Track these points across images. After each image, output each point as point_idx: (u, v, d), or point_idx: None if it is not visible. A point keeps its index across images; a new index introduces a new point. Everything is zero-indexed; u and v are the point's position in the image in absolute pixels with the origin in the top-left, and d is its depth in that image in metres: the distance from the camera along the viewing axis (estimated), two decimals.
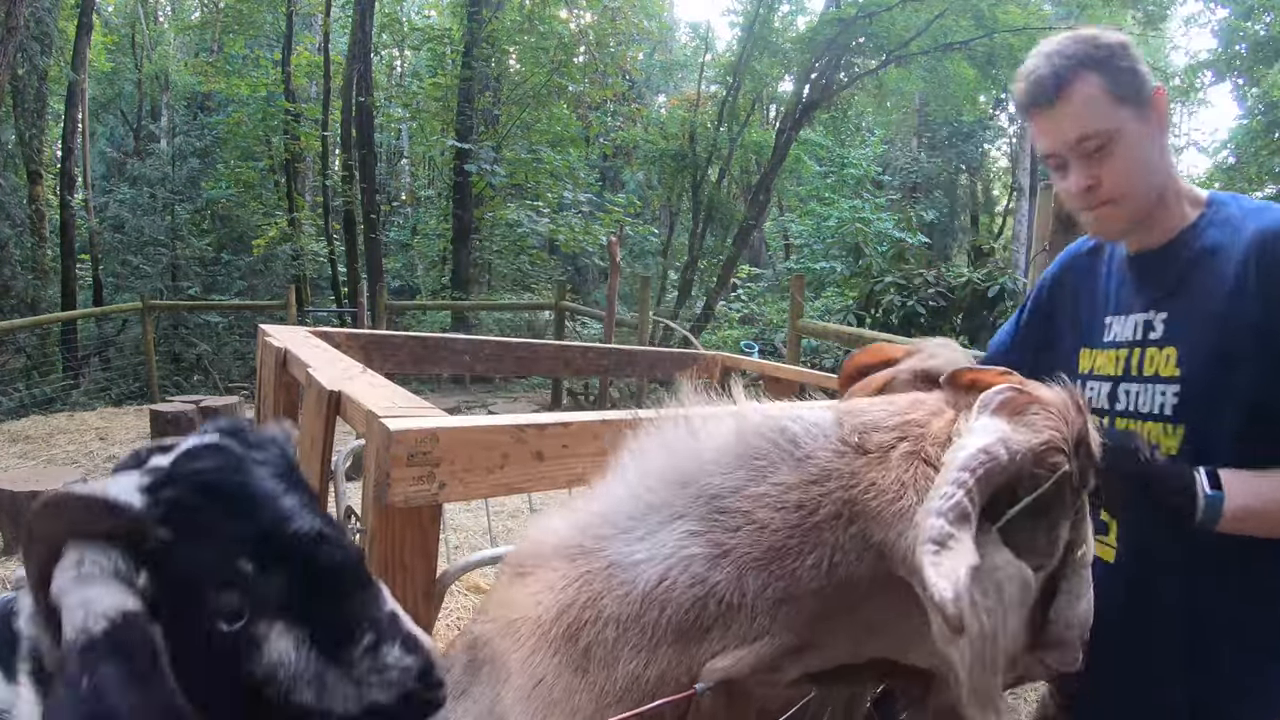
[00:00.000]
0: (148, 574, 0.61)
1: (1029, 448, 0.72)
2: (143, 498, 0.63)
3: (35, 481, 4.12)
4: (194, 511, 0.63)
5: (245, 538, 0.64)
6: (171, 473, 0.65)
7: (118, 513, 0.61)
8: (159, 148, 15.48)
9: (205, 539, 0.63)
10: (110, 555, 0.60)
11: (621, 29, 13.59)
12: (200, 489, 0.64)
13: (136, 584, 0.60)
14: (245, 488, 0.66)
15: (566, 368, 2.70)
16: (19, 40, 8.01)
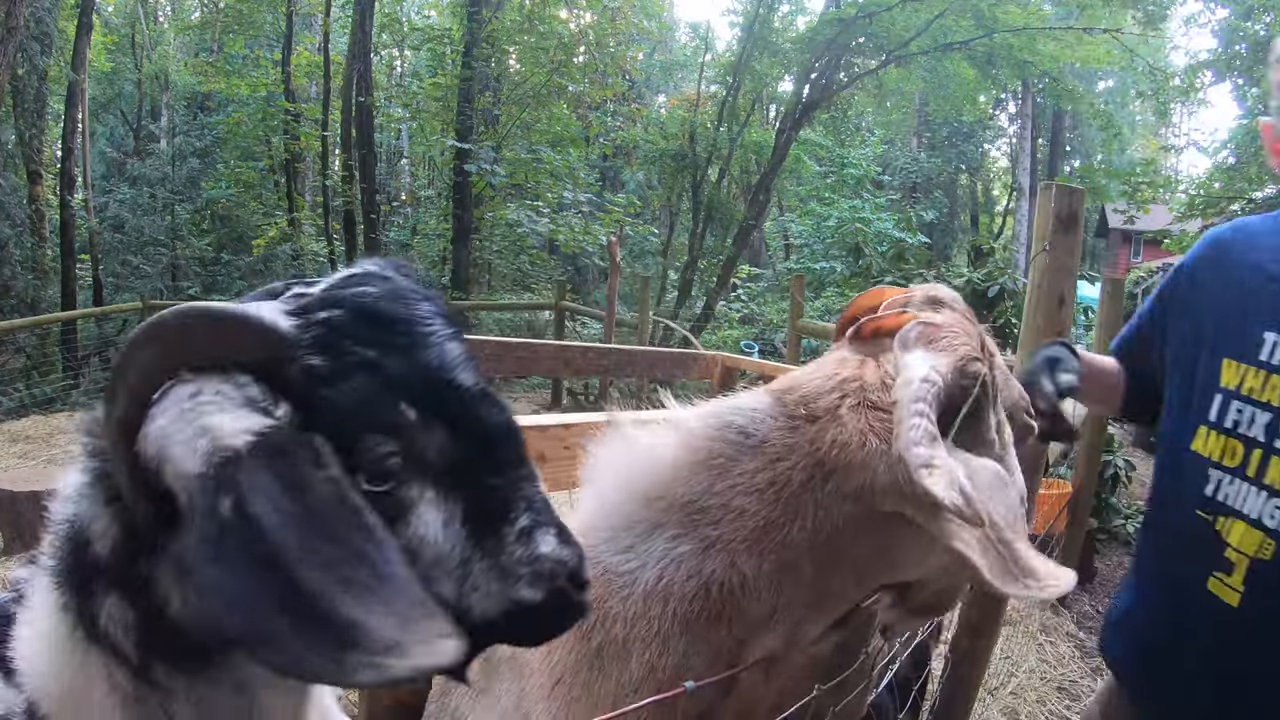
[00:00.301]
0: (289, 407, 0.51)
1: (952, 366, 0.80)
2: (289, 320, 0.53)
3: (35, 481, 4.12)
4: (354, 338, 0.53)
5: (409, 379, 0.54)
6: (325, 296, 0.57)
7: (257, 331, 0.52)
8: (159, 148, 15.48)
9: (364, 373, 0.52)
10: (239, 383, 0.51)
11: (621, 29, 13.59)
12: (362, 313, 0.55)
13: (275, 415, 0.50)
14: (413, 322, 0.57)
15: (566, 368, 2.71)
16: (19, 40, 8.01)
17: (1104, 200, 17.97)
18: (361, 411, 0.52)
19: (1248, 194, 11.09)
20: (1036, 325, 1.91)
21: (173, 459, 0.47)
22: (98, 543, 0.55)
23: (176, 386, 0.51)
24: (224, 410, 0.49)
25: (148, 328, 0.51)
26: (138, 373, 0.51)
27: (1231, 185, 11.26)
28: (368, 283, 0.59)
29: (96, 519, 0.56)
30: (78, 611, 0.56)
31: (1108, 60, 13.17)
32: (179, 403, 0.50)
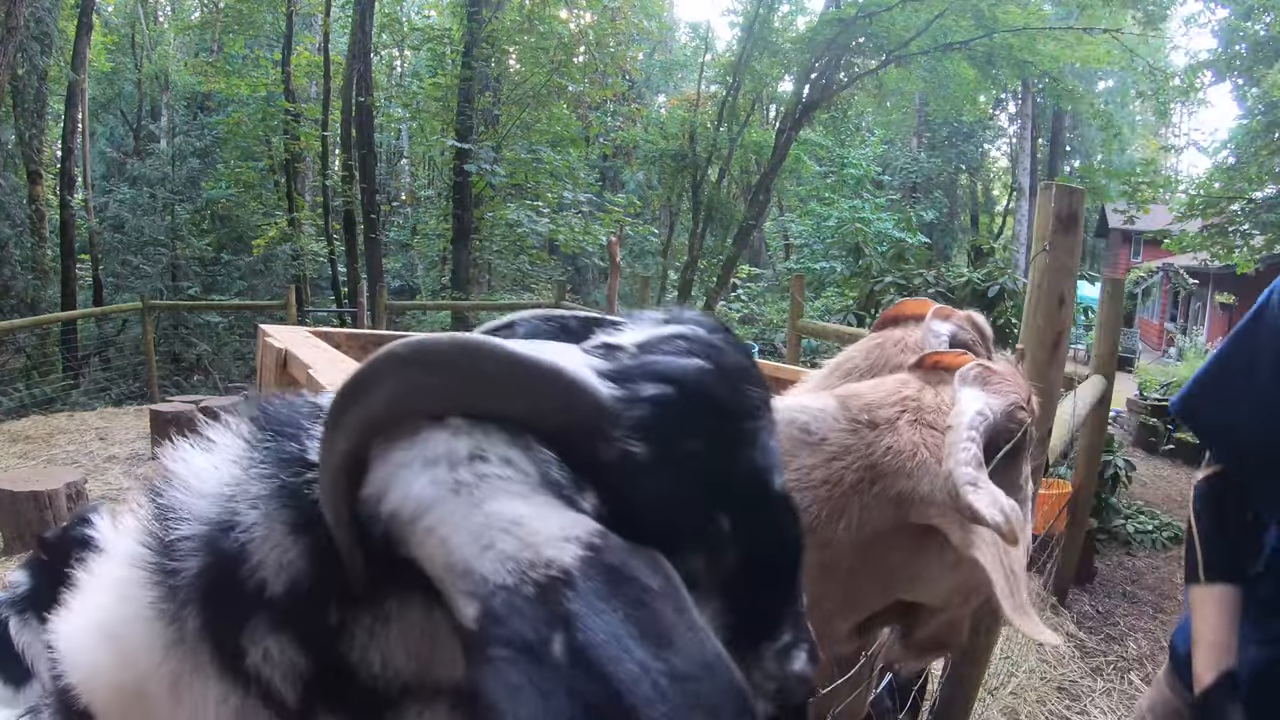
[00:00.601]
0: (596, 500, 0.40)
1: (1002, 408, 0.88)
2: (608, 386, 0.42)
3: (35, 481, 4.12)
4: (683, 425, 0.43)
5: (732, 483, 0.45)
6: (649, 364, 0.45)
7: (572, 393, 0.41)
8: (159, 148, 15.48)
9: (686, 469, 0.43)
10: (537, 456, 0.40)
11: (621, 29, 13.59)
12: (696, 396, 0.44)
13: (580, 507, 0.39)
14: (744, 412, 0.47)
15: None
16: (19, 40, 8.01)
17: (1104, 200, 17.98)
18: (676, 515, 0.42)
19: (1248, 194, 11.09)
20: (1036, 325, 1.91)
21: (441, 539, 0.37)
22: (269, 573, 0.44)
23: (441, 432, 0.40)
24: (526, 496, 0.38)
25: (415, 347, 0.40)
26: (386, 399, 0.40)
27: (1231, 185, 11.25)
28: (698, 352, 0.46)
29: (272, 545, 0.44)
30: (211, 636, 0.46)
31: (1108, 60, 13.17)
32: (448, 459, 0.39)
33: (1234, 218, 11.28)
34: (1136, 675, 3.45)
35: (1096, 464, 4.12)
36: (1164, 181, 15.60)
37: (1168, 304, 20.58)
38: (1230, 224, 11.34)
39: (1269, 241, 11.14)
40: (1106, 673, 3.44)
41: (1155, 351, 19.35)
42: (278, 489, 0.46)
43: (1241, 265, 11.32)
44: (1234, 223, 11.30)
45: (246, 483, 0.47)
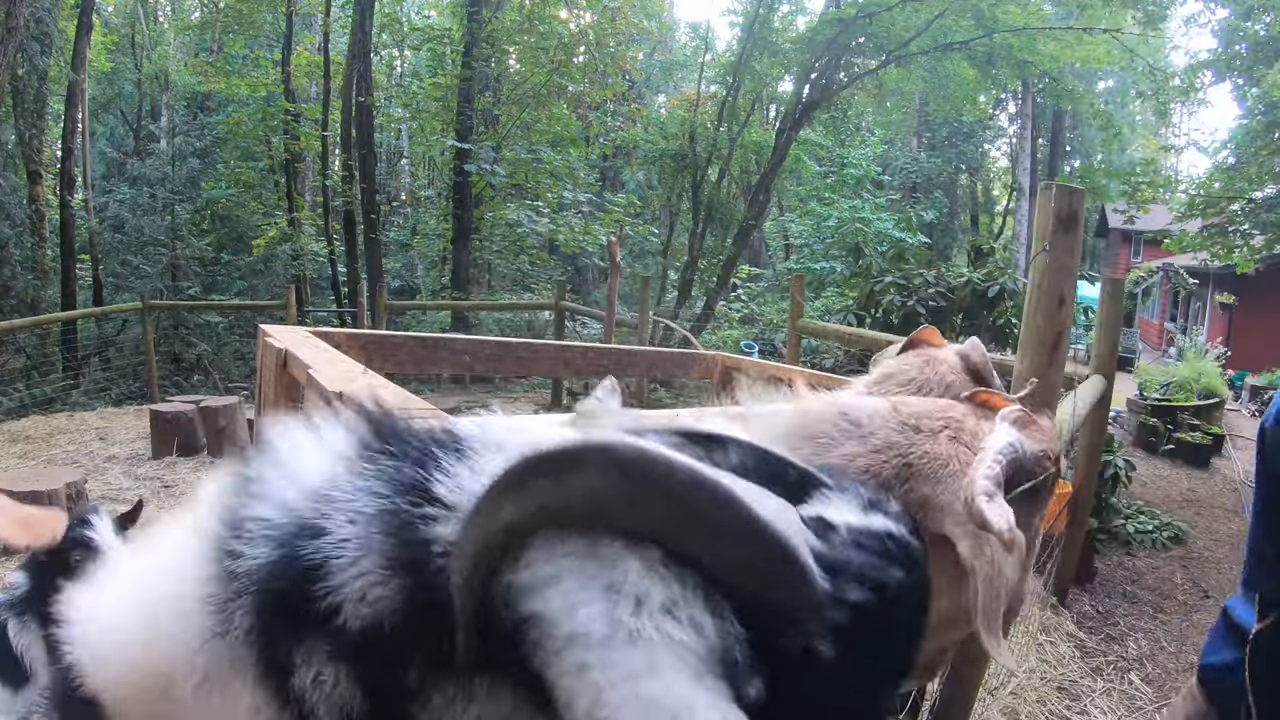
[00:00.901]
0: (765, 687, 0.37)
1: (1033, 452, 0.95)
2: (823, 578, 0.40)
3: (35, 481, 4.12)
4: (869, 637, 0.41)
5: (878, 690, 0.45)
6: (856, 562, 0.43)
7: (798, 581, 0.38)
8: (159, 148, 15.48)
9: (854, 681, 0.41)
10: (725, 626, 0.36)
11: (621, 29, 13.59)
12: (889, 611, 0.43)
13: (745, 694, 0.36)
14: (920, 621, 0.47)
15: (567, 368, 2.70)
16: (19, 40, 8.01)
17: (1104, 200, 17.98)
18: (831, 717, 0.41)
19: (1248, 194, 11.08)
20: (1036, 325, 1.91)
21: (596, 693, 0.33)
22: (349, 601, 0.40)
23: (635, 560, 0.36)
24: (700, 678, 0.34)
25: (644, 459, 0.36)
26: (586, 493, 0.37)
27: (1231, 185, 11.24)
28: (901, 560, 0.45)
29: (361, 572, 0.41)
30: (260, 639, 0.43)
31: (1108, 60, 13.17)
32: (635, 599, 0.35)
33: (1234, 218, 11.28)
34: (1136, 675, 3.45)
35: (1096, 464, 4.12)
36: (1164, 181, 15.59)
37: (1168, 304, 20.57)
38: (1230, 224, 11.34)
39: (1269, 241, 11.14)
40: (1106, 673, 3.44)
41: (1155, 351, 19.35)
42: (385, 513, 0.42)
43: (1241, 265, 11.32)
44: (1234, 223, 11.30)
45: (350, 492, 0.43)
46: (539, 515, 0.38)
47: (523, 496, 0.37)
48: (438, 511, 0.41)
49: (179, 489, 5.23)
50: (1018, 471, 0.93)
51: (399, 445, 0.46)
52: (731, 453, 0.47)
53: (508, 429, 0.48)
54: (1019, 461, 0.92)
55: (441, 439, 0.46)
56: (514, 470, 0.37)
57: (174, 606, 0.44)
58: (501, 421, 0.49)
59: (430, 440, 0.46)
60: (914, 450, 0.95)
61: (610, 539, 0.37)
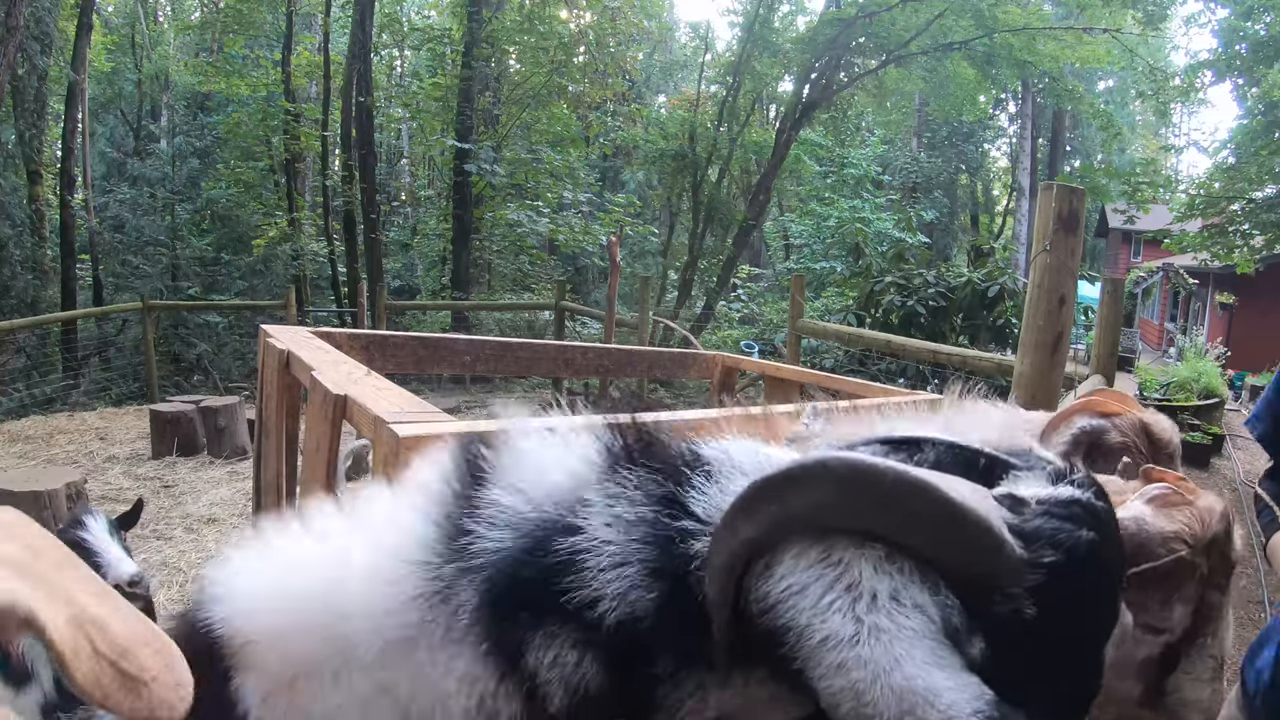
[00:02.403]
0: (983, 650, 0.43)
1: (1158, 531, 0.91)
2: (1019, 546, 0.45)
3: (35, 481, 4.12)
4: (1069, 594, 0.46)
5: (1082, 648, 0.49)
6: (1048, 528, 0.47)
7: (997, 551, 0.43)
8: (159, 148, 15.49)
9: (1059, 634, 0.46)
10: (945, 602, 0.43)
11: (621, 29, 13.59)
12: (1083, 569, 0.47)
13: (968, 656, 0.42)
14: (1113, 586, 0.51)
15: (567, 368, 2.71)
16: (19, 40, 8.01)
17: (1104, 200, 17.97)
18: (1037, 677, 0.45)
19: (1247, 194, 11.09)
20: (1036, 325, 1.91)
21: (852, 683, 0.40)
22: (605, 598, 0.46)
23: (862, 560, 0.43)
24: (936, 655, 0.41)
25: (857, 471, 0.42)
26: (811, 507, 0.43)
27: (1231, 185, 11.25)
28: (1089, 523, 0.49)
29: (621, 575, 0.46)
30: (490, 618, 0.47)
31: (1108, 60, 13.17)
32: (870, 595, 0.42)
33: (1234, 218, 11.28)
34: None
35: None
36: (1164, 181, 15.61)
37: (1168, 304, 20.57)
38: (1230, 224, 11.34)
39: (1269, 241, 11.14)
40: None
41: (1155, 351, 19.35)
42: (646, 522, 0.47)
43: (1241, 265, 11.32)
44: (1234, 223, 11.30)
45: (606, 498, 0.48)
46: (774, 530, 0.43)
47: (760, 518, 0.43)
48: (694, 526, 0.47)
49: (179, 489, 5.24)
50: (1135, 551, 0.90)
51: (652, 460, 0.51)
52: (928, 451, 0.53)
53: (746, 452, 0.54)
54: (1132, 540, 0.89)
55: (690, 459, 0.52)
56: (747, 494, 0.44)
57: (389, 566, 0.47)
58: (742, 445, 0.55)
59: (680, 459, 0.51)
60: None
61: (842, 544, 0.43)
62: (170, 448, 5.95)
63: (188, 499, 5.02)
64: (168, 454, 5.93)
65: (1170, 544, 0.91)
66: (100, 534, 2.20)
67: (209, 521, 4.63)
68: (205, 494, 5.12)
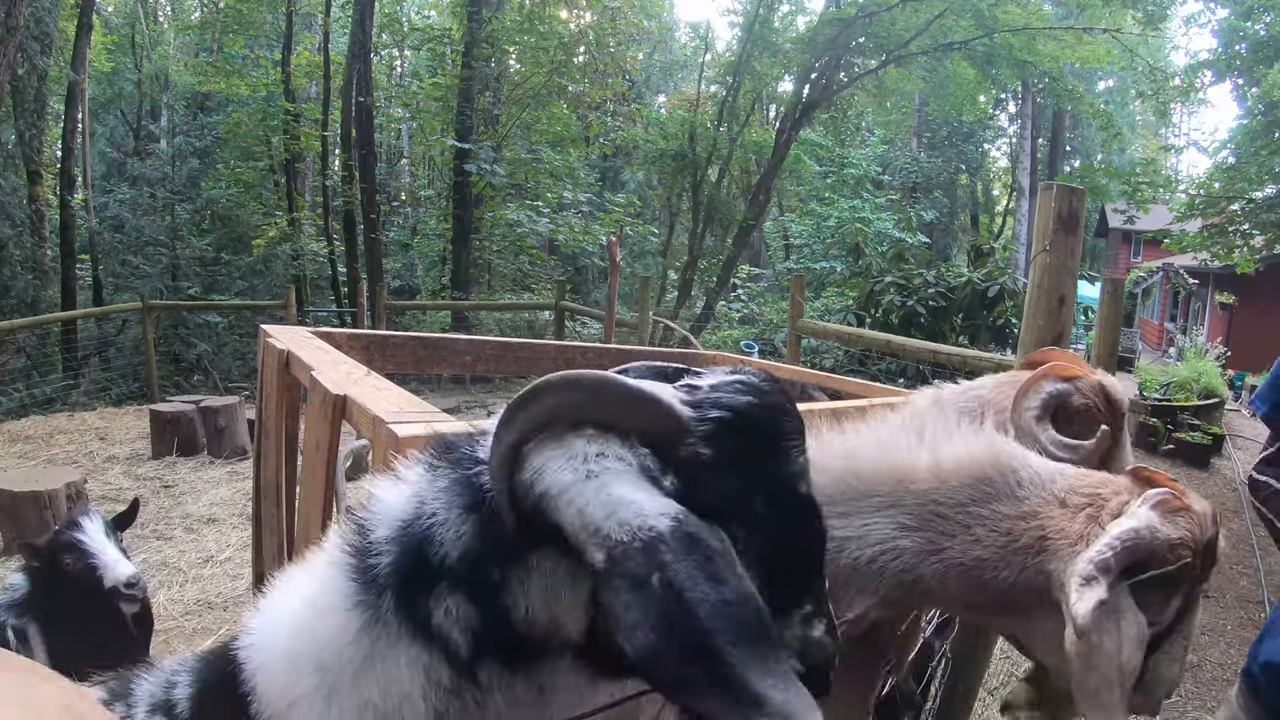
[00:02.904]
0: (674, 481, 0.60)
1: (1166, 538, 0.97)
2: (687, 409, 0.62)
3: (35, 481, 4.12)
4: (735, 438, 0.63)
5: (767, 481, 0.64)
6: (714, 396, 0.65)
7: (666, 413, 0.61)
8: (159, 148, 15.49)
9: (735, 468, 0.62)
10: (638, 453, 0.60)
11: (621, 29, 13.59)
12: (745, 418, 0.64)
13: (664, 486, 0.59)
14: (779, 433, 0.66)
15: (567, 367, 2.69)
16: (19, 40, 8.01)
17: (1104, 200, 17.97)
18: (728, 499, 0.61)
19: (1247, 194, 11.08)
20: (1036, 325, 1.91)
21: (579, 509, 0.56)
22: (448, 546, 0.61)
23: (572, 435, 0.60)
24: (631, 482, 0.57)
25: (566, 379, 0.61)
26: (543, 412, 0.60)
27: (1231, 185, 11.24)
28: (750, 392, 0.66)
29: (449, 524, 0.62)
30: (404, 607, 0.62)
31: (1108, 60, 13.17)
32: (583, 455, 0.58)
33: (1234, 218, 11.27)
34: None
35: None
36: (1164, 181, 15.60)
37: (1168, 304, 20.57)
38: (1230, 224, 11.33)
39: (1269, 241, 11.14)
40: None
41: (1155, 351, 19.35)
42: (455, 481, 0.65)
43: (1241, 265, 11.31)
44: (1234, 223, 11.29)
45: (431, 484, 0.65)
46: (526, 431, 0.60)
47: (515, 424, 0.60)
48: (481, 468, 0.64)
49: (179, 489, 5.23)
50: (1148, 557, 0.95)
51: (450, 446, 0.69)
52: (631, 373, 0.70)
53: None
54: (1147, 547, 0.95)
55: (475, 432, 0.71)
56: (506, 412, 0.61)
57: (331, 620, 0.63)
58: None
59: (470, 435, 0.70)
60: (1051, 524, 1.02)
61: (565, 431, 0.60)
62: (170, 448, 5.94)
63: (188, 499, 5.02)
64: (168, 454, 5.93)
65: (1177, 550, 0.97)
66: (97, 535, 2.20)
67: (209, 521, 4.63)
68: (205, 494, 5.12)
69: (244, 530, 4.39)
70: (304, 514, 1.44)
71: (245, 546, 4.14)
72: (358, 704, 0.62)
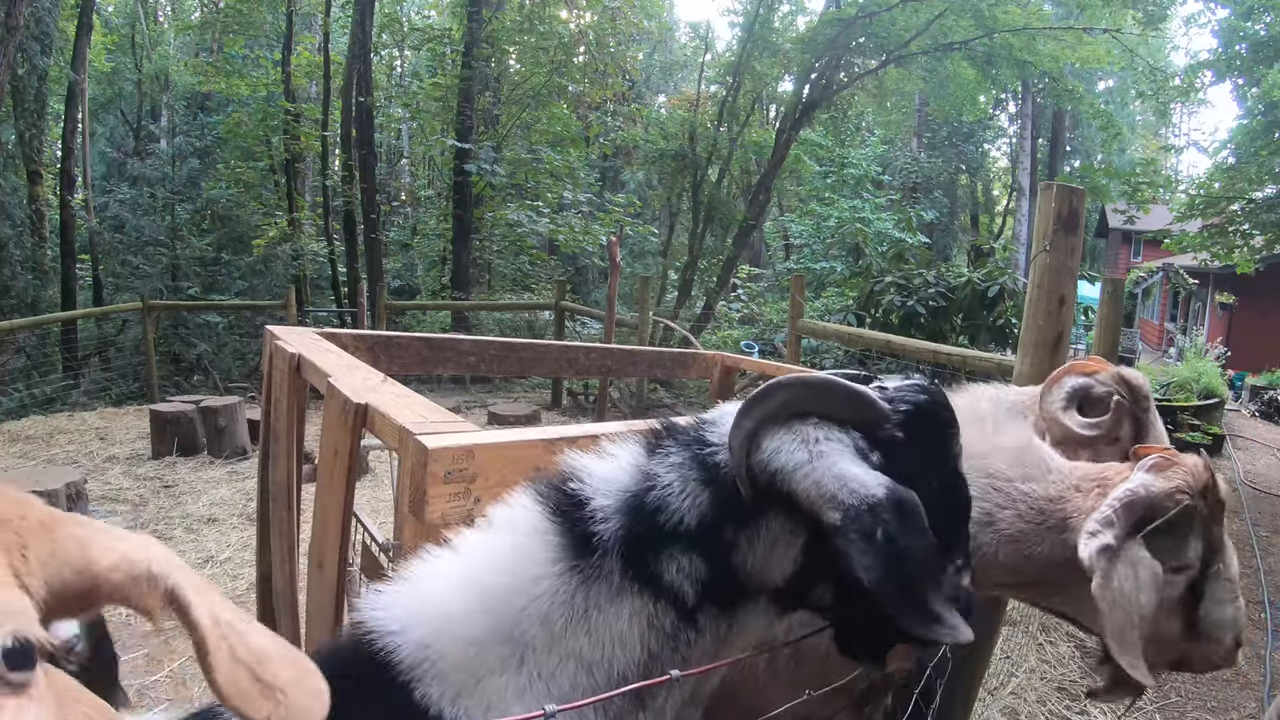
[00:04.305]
0: (880, 457, 0.77)
1: (1162, 490, 1.13)
2: (885, 403, 0.81)
3: (35, 481, 4.12)
4: (921, 427, 0.81)
5: (938, 459, 0.83)
6: (901, 394, 0.83)
7: (871, 406, 0.79)
8: (159, 148, 15.49)
9: (920, 450, 0.80)
10: (853, 436, 0.78)
11: (621, 29, 13.58)
12: (923, 412, 0.82)
13: (872, 462, 0.76)
14: (946, 423, 0.85)
15: (571, 368, 2.71)
16: (19, 40, 8.01)
17: (1104, 200, 17.96)
18: (917, 472, 0.78)
19: (1247, 194, 11.08)
20: (1036, 325, 1.91)
21: (814, 481, 0.73)
22: (684, 513, 0.77)
23: (806, 424, 0.78)
24: (852, 459, 0.75)
25: (797, 380, 0.78)
26: (777, 405, 0.77)
27: (1231, 185, 11.23)
28: (926, 393, 0.84)
29: (685, 495, 0.78)
30: (632, 565, 0.76)
31: (1108, 60, 13.16)
32: (813, 438, 0.76)
33: (1234, 218, 11.26)
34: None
35: None
36: (1164, 181, 15.59)
37: (1168, 304, 20.58)
38: (1230, 224, 11.32)
39: (1269, 241, 11.13)
40: None
41: (1155, 351, 19.35)
42: (688, 459, 0.81)
43: (1241, 265, 11.31)
44: (1234, 223, 11.28)
45: (660, 461, 0.81)
46: (762, 421, 0.77)
47: (753, 414, 0.77)
48: (715, 448, 0.81)
49: (179, 489, 5.24)
50: (1150, 510, 1.11)
51: (672, 433, 0.85)
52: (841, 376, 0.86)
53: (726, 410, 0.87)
54: (1145, 501, 1.12)
55: (701, 420, 0.87)
56: (744, 404, 0.78)
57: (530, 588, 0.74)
58: (729, 404, 0.87)
59: (696, 423, 0.86)
60: (1071, 505, 1.21)
61: (794, 421, 0.77)
62: (170, 448, 5.94)
63: (188, 499, 5.02)
64: (168, 454, 5.93)
65: (1174, 497, 1.12)
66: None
67: (209, 521, 4.63)
68: (205, 494, 5.12)
69: (244, 530, 4.39)
70: (321, 519, 1.43)
71: (245, 546, 4.14)
72: (558, 658, 0.73)
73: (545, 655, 0.73)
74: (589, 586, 0.74)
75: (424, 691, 0.71)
